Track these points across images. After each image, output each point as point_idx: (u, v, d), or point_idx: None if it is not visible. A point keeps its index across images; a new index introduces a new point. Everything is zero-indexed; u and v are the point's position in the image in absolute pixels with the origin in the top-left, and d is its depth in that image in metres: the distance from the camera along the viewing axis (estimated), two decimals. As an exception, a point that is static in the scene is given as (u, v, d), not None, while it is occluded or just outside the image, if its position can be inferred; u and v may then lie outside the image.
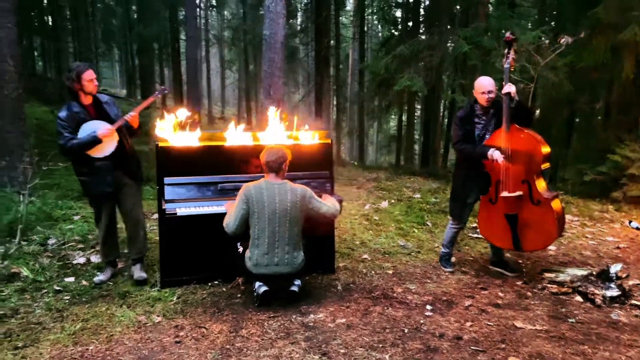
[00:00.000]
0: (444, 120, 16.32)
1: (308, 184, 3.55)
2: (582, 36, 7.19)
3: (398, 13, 16.85)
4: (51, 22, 17.13)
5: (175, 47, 17.98)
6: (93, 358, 2.65)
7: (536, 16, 13.63)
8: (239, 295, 3.57)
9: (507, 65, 3.74)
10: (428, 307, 3.38)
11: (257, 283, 3.31)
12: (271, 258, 3.24)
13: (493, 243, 4.07)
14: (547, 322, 3.14)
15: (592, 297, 3.48)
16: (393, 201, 6.97)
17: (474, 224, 5.35)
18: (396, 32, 15.52)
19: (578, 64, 8.23)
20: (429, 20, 13.04)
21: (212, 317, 3.17)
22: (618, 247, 5.04)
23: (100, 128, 3.47)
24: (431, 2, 13.62)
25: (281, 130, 4.05)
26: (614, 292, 3.48)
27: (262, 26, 7.61)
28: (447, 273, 4.14)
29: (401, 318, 3.19)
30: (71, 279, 3.80)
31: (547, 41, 8.01)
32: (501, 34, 8.84)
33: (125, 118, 3.57)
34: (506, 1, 11.66)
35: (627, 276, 3.85)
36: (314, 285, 3.78)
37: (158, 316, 3.17)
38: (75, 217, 5.26)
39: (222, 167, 3.73)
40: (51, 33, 16.77)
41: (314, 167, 3.95)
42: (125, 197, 3.73)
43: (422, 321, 3.15)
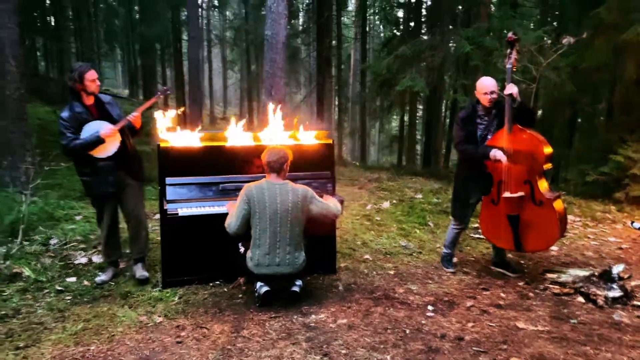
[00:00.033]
0: (446, 120, 16.31)
1: (309, 184, 3.55)
2: (585, 36, 7.15)
3: (400, 13, 16.86)
4: (54, 23, 17.19)
5: (177, 48, 18.01)
6: (94, 358, 2.66)
7: (538, 16, 13.63)
8: (240, 295, 3.57)
9: (510, 65, 3.73)
10: (429, 308, 3.37)
11: (259, 283, 3.31)
12: (272, 258, 3.24)
13: (495, 244, 4.07)
14: (549, 323, 3.13)
15: (594, 298, 3.47)
16: (395, 201, 6.96)
17: (476, 225, 5.34)
18: (398, 33, 15.53)
19: (580, 65, 8.23)
20: (431, 20, 13.02)
21: (214, 318, 3.17)
22: (620, 248, 5.02)
23: (102, 128, 3.47)
24: (433, 2, 13.61)
25: (282, 130, 4.05)
26: (616, 293, 3.47)
27: (264, 26, 7.61)
28: (449, 273, 4.13)
29: (403, 319, 3.19)
30: (73, 279, 3.80)
31: (550, 41, 8.02)
32: (503, 34, 8.81)
33: (128, 118, 3.58)
34: (508, 1, 11.65)
35: (630, 277, 3.83)
36: (315, 285, 3.78)
37: (159, 316, 3.18)
38: (77, 217, 5.26)
39: (224, 168, 3.73)
40: (54, 33, 16.83)
41: (316, 168, 3.94)
42: (127, 197, 3.73)
43: (424, 322, 3.14)
